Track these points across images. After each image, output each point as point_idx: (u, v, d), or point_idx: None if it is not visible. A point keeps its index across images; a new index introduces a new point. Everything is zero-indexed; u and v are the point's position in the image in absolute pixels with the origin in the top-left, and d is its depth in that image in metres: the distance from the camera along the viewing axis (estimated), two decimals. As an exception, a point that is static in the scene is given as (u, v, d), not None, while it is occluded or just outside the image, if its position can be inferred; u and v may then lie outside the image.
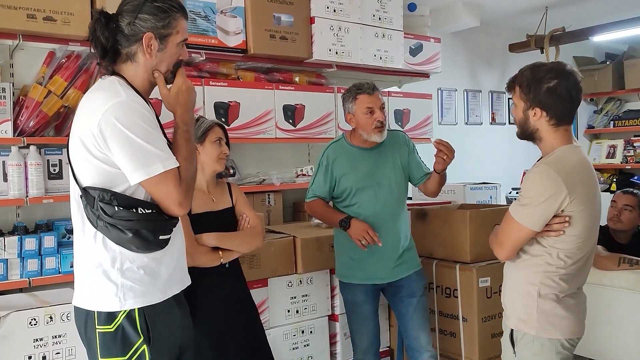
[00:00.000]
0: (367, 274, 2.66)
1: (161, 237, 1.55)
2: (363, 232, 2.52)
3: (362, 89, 2.63)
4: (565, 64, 1.91)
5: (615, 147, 6.08)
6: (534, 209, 1.80)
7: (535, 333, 1.86)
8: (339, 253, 2.76)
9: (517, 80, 1.91)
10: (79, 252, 1.61)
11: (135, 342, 1.54)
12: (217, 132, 2.32)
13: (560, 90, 1.82)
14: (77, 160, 1.55)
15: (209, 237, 2.21)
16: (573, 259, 1.84)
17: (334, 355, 3.22)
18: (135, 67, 1.62)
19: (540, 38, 5.03)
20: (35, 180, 2.60)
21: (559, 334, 1.85)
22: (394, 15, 3.71)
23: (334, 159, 2.67)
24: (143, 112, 1.53)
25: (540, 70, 1.86)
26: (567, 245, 1.83)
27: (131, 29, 1.58)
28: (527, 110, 1.88)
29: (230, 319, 2.26)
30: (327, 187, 2.68)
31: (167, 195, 1.53)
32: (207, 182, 2.33)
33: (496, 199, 4.09)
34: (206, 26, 3.05)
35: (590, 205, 1.83)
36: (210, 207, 2.30)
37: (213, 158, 2.29)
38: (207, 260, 2.20)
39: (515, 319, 1.93)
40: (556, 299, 1.85)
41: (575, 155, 1.86)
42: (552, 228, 1.81)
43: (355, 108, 2.64)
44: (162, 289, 1.61)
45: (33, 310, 2.28)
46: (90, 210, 1.52)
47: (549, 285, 1.85)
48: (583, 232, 1.82)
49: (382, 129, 2.63)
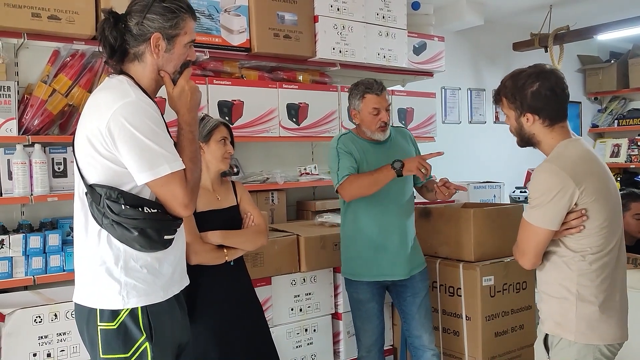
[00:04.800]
0: (376, 271, 2.66)
1: (166, 237, 1.56)
2: (422, 161, 2.45)
3: (371, 89, 2.63)
4: (543, 65, 1.92)
5: (619, 146, 6.06)
6: (546, 208, 1.78)
7: (573, 338, 1.80)
8: (346, 251, 2.75)
9: (502, 92, 1.93)
10: (81, 250, 1.61)
11: (137, 339, 1.55)
12: (222, 131, 2.33)
13: (544, 91, 1.84)
14: (84, 158, 1.56)
15: (214, 235, 2.23)
16: (604, 252, 1.80)
17: (337, 354, 3.22)
18: (143, 67, 1.63)
19: (545, 37, 5.01)
20: (40, 179, 2.61)
21: (599, 340, 1.79)
22: (397, 13, 3.71)
23: (350, 146, 2.65)
24: (152, 113, 1.54)
25: (520, 77, 1.88)
26: (593, 239, 1.79)
27: (139, 29, 1.59)
28: (519, 118, 1.90)
29: (235, 315, 2.27)
30: (355, 164, 2.60)
31: (173, 197, 1.54)
32: (212, 180, 2.34)
33: (500, 198, 4.08)
34: (210, 25, 3.05)
35: (604, 193, 1.81)
36: (215, 205, 2.31)
37: (218, 157, 2.31)
38: (212, 257, 2.21)
39: (551, 323, 1.87)
40: (596, 302, 1.79)
41: (575, 148, 1.85)
42: (570, 225, 1.79)
43: (361, 106, 2.65)
44: (164, 288, 1.62)
45: (38, 307, 2.30)
46: (95, 207, 1.52)
47: (586, 285, 1.79)
48: (605, 221, 1.79)
49: (386, 128, 2.66)
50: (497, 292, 2.94)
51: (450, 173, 4.39)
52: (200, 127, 2.27)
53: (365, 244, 2.64)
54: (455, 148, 4.91)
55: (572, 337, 1.80)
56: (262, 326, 2.41)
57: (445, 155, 4.85)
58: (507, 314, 2.99)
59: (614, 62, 6.13)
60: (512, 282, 3.00)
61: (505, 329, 2.98)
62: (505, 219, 3.01)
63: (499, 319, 2.95)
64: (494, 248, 2.95)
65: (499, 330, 2.95)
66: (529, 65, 1.92)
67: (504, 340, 2.96)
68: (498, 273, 2.93)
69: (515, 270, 2.96)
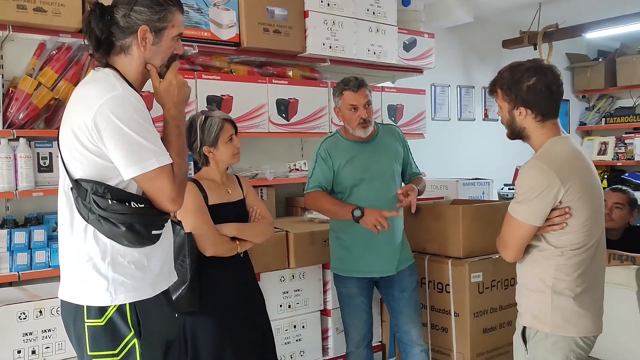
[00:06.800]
0: (364, 267, 2.66)
1: (154, 232, 1.54)
2: (380, 218, 2.47)
3: (348, 86, 2.65)
4: (541, 60, 1.94)
5: (606, 144, 6.10)
6: (530, 204, 1.81)
7: (549, 330, 1.84)
8: (335, 247, 2.75)
9: (498, 83, 1.94)
10: (67, 246, 1.59)
11: (125, 335, 1.53)
12: (227, 130, 2.34)
13: (540, 86, 1.85)
14: (69, 152, 1.54)
15: (229, 227, 2.28)
16: (583, 248, 1.83)
17: (326, 350, 3.22)
18: (129, 60, 1.60)
19: (534, 34, 5.03)
20: (24, 173, 2.57)
21: (574, 332, 1.83)
22: (388, 9, 3.70)
23: (331, 151, 2.67)
24: (138, 107, 1.52)
25: (518, 70, 1.88)
26: (574, 236, 1.82)
27: (126, 21, 1.56)
28: (512, 110, 1.91)
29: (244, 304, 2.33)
30: (328, 177, 2.65)
31: (161, 191, 1.52)
32: (221, 174, 2.39)
33: (488, 195, 4.10)
34: (199, 19, 3.03)
35: (588, 192, 1.83)
36: (227, 198, 2.36)
37: (229, 156, 2.35)
38: (228, 249, 2.28)
39: (528, 316, 1.91)
40: (572, 295, 1.83)
41: (563, 146, 1.87)
42: (553, 222, 1.81)
43: (340, 103, 2.69)
44: (153, 284, 1.61)
45: (22, 304, 2.27)
46: (81, 202, 1.50)
47: (562, 279, 1.83)
48: (587, 220, 1.82)
49: (366, 125, 2.66)
50: (485, 288, 2.94)
51: (439, 170, 4.43)
52: (206, 130, 2.29)
53: (354, 240, 2.65)
54: (445, 145, 4.92)
55: (548, 329, 1.84)
56: (265, 315, 2.48)
57: (435, 152, 4.87)
58: (496, 311, 3.00)
59: (602, 61, 6.17)
60: (501, 278, 3.01)
61: (493, 325, 2.99)
62: (494, 216, 3.00)
63: (487, 316, 2.96)
64: (482, 244, 2.96)
65: (487, 326, 2.96)
66: (528, 60, 1.92)
67: (492, 337, 2.97)
68: (486, 269, 2.94)
69: (503, 266, 2.97)
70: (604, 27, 4.84)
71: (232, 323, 2.27)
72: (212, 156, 2.33)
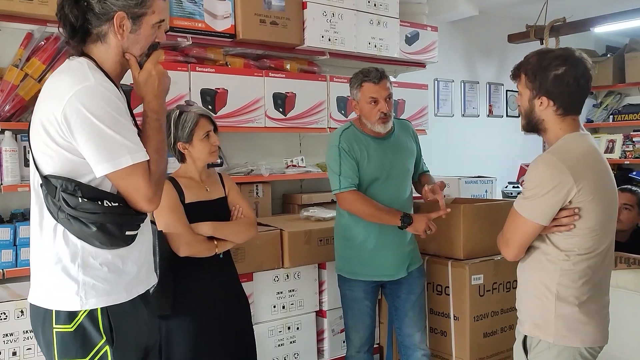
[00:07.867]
0: (374, 271, 2.58)
1: (128, 233, 1.46)
2: (430, 223, 2.41)
3: (369, 77, 2.51)
4: (574, 49, 1.79)
5: (614, 141, 5.98)
6: (539, 201, 1.69)
7: (552, 340, 1.73)
8: (343, 249, 2.65)
9: (523, 68, 1.80)
10: (36, 246, 1.50)
11: (96, 342, 1.45)
12: (203, 126, 2.22)
13: (568, 78, 1.72)
14: (39, 146, 1.45)
15: (205, 226, 2.19)
16: (591, 254, 1.72)
17: (322, 353, 3.14)
18: (106, 49, 1.51)
19: (540, 29, 4.91)
20: (10, 168, 2.51)
21: (579, 342, 1.72)
22: (389, 1, 3.60)
23: (352, 145, 2.53)
24: (112, 99, 1.43)
25: (547, 57, 1.75)
26: (581, 240, 1.70)
27: (102, 7, 1.47)
28: (533, 99, 1.78)
29: (223, 309, 2.23)
30: (357, 170, 2.50)
31: (136, 190, 1.43)
32: (199, 172, 2.28)
33: (492, 194, 4.01)
34: (193, 9, 2.93)
35: (601, 194, 1.71)
36: (205, 196, 2.26)
37: (205, 154, 2.24)
38: (203, 249, 2.18)
39: (529, 325, 1.80)
40: (577, 303, 1.72)
41: (581, 143, 1.75)
42: (561, 222, 1.70)
43: (359, 96, 2.54)
44: (127, 288, 1.52)
45: (3, 304, 2.20)
46: (51, 200, 1.41)
47: (567, 285, 1.72)
48: (597, 225, 1.70)
49: (387, 119, 2.53)
50: (486, 291, 2.85)
51: (441, 167, 4.32)
52: (180, 126, 2.19)
53: (364, 242, 2.55)
54: (447, 142, 4.82)
55: (551, 339, 1.73)
56: (248, 320, 2.37)
57: (437, 148, 4.75)
58: (497, 314, 2.90)
59: (610, 56, 6.04)
60: (502, 281, 2.91)
61: (494, 330, 2.90)
62: (497, 215, 2.90)
63: (488, 319, 2.87)
64: (484, 245, 2.86)
65: (487, 330, 2.87)
66: (560, 47, 1.80)
67: (492, 341, 2.89)
68: (488, 271, 2.85)
69: (505, 268, 2.88)
70: (612, 21, 4.72)
71: (208, 329, 2.16)
72: (188, 153, 2.24)
